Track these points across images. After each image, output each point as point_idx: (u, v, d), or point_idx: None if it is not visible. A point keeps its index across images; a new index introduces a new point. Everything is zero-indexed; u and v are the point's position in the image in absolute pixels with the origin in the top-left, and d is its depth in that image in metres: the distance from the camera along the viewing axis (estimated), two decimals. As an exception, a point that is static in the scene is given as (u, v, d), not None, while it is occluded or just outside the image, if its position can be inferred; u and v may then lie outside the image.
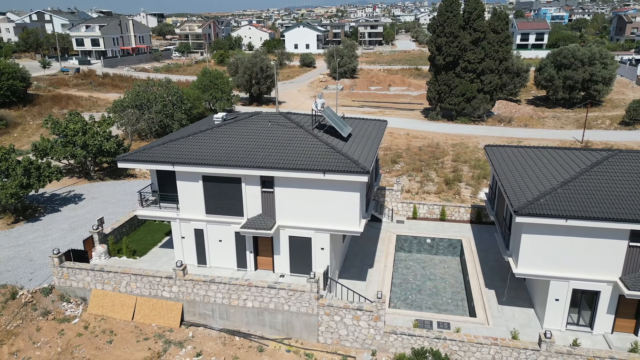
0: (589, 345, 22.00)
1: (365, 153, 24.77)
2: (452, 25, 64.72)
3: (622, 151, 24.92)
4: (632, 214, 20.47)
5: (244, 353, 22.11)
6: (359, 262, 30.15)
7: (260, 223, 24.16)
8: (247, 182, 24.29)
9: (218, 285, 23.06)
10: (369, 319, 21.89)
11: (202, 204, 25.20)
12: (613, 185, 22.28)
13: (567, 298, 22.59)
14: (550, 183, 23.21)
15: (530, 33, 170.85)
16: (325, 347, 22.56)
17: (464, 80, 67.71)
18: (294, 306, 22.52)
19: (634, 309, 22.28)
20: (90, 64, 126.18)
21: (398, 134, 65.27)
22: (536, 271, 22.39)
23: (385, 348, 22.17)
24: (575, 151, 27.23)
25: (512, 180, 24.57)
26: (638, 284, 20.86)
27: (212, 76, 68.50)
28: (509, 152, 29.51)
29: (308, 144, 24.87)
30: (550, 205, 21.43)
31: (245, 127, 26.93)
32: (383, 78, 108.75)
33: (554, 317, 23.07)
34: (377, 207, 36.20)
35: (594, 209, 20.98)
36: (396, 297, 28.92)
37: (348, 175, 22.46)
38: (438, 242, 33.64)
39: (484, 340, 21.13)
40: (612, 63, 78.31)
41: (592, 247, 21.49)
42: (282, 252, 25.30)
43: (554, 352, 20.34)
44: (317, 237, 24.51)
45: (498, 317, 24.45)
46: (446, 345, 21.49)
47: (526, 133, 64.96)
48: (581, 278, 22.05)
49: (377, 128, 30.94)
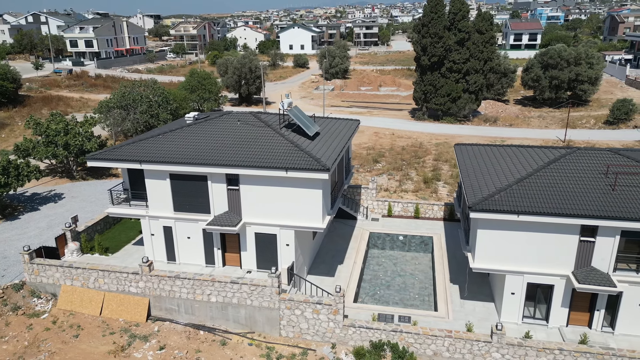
0: (543, 338, 22.58)
1: (329, 151, 25.35)
2: (437, 26, 65.32)
3: (580, 148, 25.50)
4: (582, 210, 21.05)
5: (207, 347, 22.67)
6: (329, 258, 30.73)
7: (226, 220, 24.74)
8: (213, 180, 24.87)
9: (183, 280, 23.64)
10: (328, 313, 22.46)
11: (170, 201, 25.78)
12: (566, 182, 22.85)
13: (523, 292, 23.17)
14: (509, 180, 23.80)
15: (523, 33, 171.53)
16: (287, 341, 23.13)
17: (449, 81, 68.31)
18: (256, 301, 23.10)
19: (588, 303, 22.86)
20: (84, 65, 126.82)
21: (383, 133, 65.84)
22: (492, 266, 22.97)
23: (345, 341, 22.74)
24: (538, 149, 27.82)
25: (473, 178, 25.14)
26: (588, 277, 21.44)
27: (200, 77, 69.08)
28: (476, 150, 30.08)
29: (274, 142, 25.46)
30: (504, 201, 22.00)
31: (214, 127, 27.52)
32: (374, 78, 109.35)
33: (511, 311, 23.64)
34: (352, 205, 36.82)
35: (546, 204, 21.56)
36: (365, 293, 29.49)
37: (309, 172, 23.04)
38: (410, 239, 34.23)
39: (439, 332, 21.71)
40: (599, 63, 78.93)
41: (545, 242, 22.07)
42: (248, 248, 25.87)
43: (504, 344, 20.91)
44: (282, 234, 25.08)
45: (459, 311, 25.03)
46: (403, 338, 22.07)
47: (510, 132, 65.54)
48: (535, 272, 22.63)
49: (347, 127, 31.54)
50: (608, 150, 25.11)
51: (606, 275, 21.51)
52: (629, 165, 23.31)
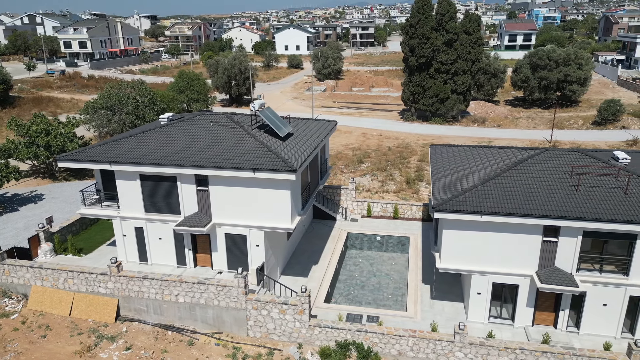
0: (509, 338, 22.72)
1: (298, 152, 25.47)
2: (424, 26, 65.49)
3: (548, 149, 25.64)
4: (544, 210, 21.19)
5: (174, 347, 22.77)
6: (305, 259, 30.84)
7: (195, 221, 24.84)
8: (183, 181, 24.98)
9: (151, 281, 23.74)
10: (294, 313, 22.57)
11: (140, 202, 25.88)
12: (531, 182, 22.98)
13: (489, 292, 23.30)
14: (476, 181, 23.92)
15: (518, 34, 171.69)
16: (255, 341, 23.24)
17: (437, 81, 68.48)
18: (223, 301, 23.21)
19: (553, 303, 22.99)
20: (77, 66, 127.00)
21: (371, 134, 66.00)
22: (458, 266, 23.09)
23: (311, 341, 22.85)
24: (510, 150, 27.96)
25: (442, 178, 25.26)
26: (551, 277, 21.57)
27: (189, 78, 69.20)
28: (450, 151, 30.18)
29: (244, 143, 25.58)
30: (468, 201, 22.13)
31: (186, 128, 27.64)
32: (366, 79, 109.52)
33: (477, 311, 23.78)
34: (331, 206, 36.95)
35: (509, 205, 21.69)
36: (339, 293, 29.63)
37: (276, 173, 23.15)
38: (387, 240, 34.36)
39: (403, 332, 21.83)
40: (588, 64, 79.12)
41: (510, 242, 22.20)
42: (219, 249, 25.97)
43: (467, 344, 21.03)
44: (251, 234, 25.19)
45: (428, 311, 25.16)
46: (368, 338, 22.18)
47: (498, 133, 65.73)
48: (500, 272, 22.77)
49: (322, 128, 31.67)
50: (575, 150, 25.25)
51: (569, 276, 21.65)
52: (594, 165, 23.46)
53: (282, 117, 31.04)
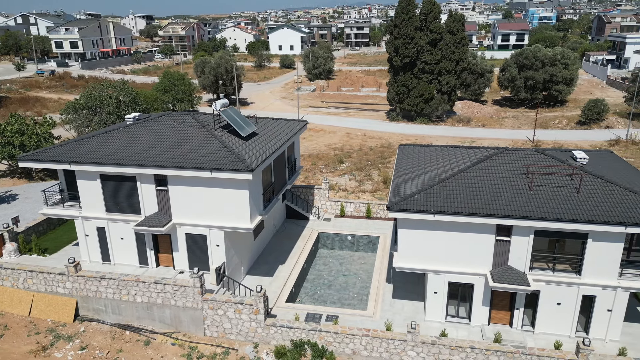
0: (465, 337, 22.78)
1: (259, 152, 25.51)
2: (408, 26, 65.55)
3: (508, 149, 25.71)
4: (496, 209, 21.25)
5: (130, 347, 22.81)
6: (272, 259, 30.87)
7: (155, 221, 24.87)
8: (142, 181, 25.01)
9: (108, 281, 23.77)
10: (250, 313, 22.62)
11: (102, 202, 25.91)
12: (487, 182, 23.04)
13: (445, 291, 23.37)
14: (435, 180, 23.97)
15: (510, 34, 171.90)
16: (212, 340, 23.29)
17: (421, 81, 68.55)
18: (180, 301, 23.25)
19: (508, 302, 23.06)
20: (68, 66, 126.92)
21: (355, 134, 66.05)
22: (414, 265, 23.15)
23: (267, 340, 22.90)
24: (474, 149, 28.04)
25: (402, 178, 25.32)
26: (503, 276, 21.64)
27: (173, 78, 69.20)
28: (417, 150, 30.23)
29: (205, 143, 25.61)
30: (423, 201, 22.18)
31: (150, 128, 27.67)
32: (356, 79, 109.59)
33: (435, 310, 23.84)
34: (304, 206, 37.00)
35: (462, 204, 21.75)
36: (305, 292, 29.67)
37: (233, 173, 23.19)
38: (358, 239, 34.42)
39: (357, 331, 21.88)
40: (574, 64, 79.29)
41: (464, 242, 22.26)
42: (180, 249, 26.01)
43: (419, 342, 21.09)
44: (212, 234, 25.22)
45: (387, 310, 25.21)
46: (322, 337, 22.23)
47: (482, 133, 65.81)
48: (456, 271, 22.83)
49: (290, 128, 31.70)
50: (534, 150, 25.31)
51: (522, 275, 21.72)
52: (550, 165, 23.52)
53: (248, 116, 31.13)
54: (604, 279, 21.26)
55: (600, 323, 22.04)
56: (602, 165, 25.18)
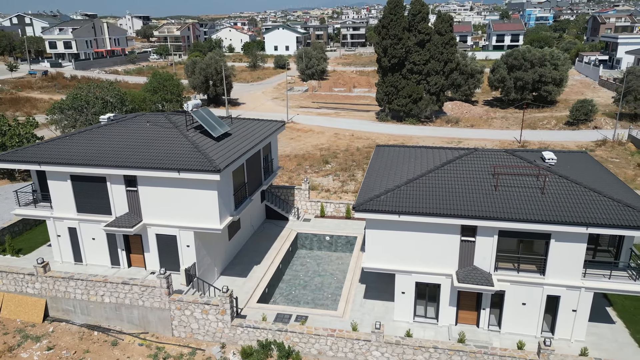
0: (432, 337, 22.84)
1: (230, 152, 25.56)
2: (396, 27, 65.62)
3: (478, 149, 25.78)
4: (460, 210, 21.31)
5: (97, 347, 22.83)
6: (248, 259, 30.89)
7: (124, 221, 24.91)
8: (112, 181, 25.05)
9: (76, 281, 23.79)
10: (217, 313, 22.65)
11: (72, 202, 25.95)
12: (454, 182, 23.10)
13: (412, 291, 23.42)
14: (403, 181, 24.02)
15: (505, 34, 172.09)
16: (179, 341, 23.32)
17: (410, 82, 68.61)
18: (148, 301, 23.28)
19: (475, 302, 23.11)
20: (62, 67, 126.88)
21: (343, 135, 66.09)
22: (381, 265, 23.20)
23: (234, 341, 22.93)
24: (447, 150, 28.07)
25: (373, 178, 25.36)
26: (468, 277, 21.70)
27: (162, 78, 69.23)
28: (392, 151, 30.27)
29: (176, 143, 25.65)
30: (389, 201, 22.23)
31: (123, 128, 27.71)
32: (349, 80, 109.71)
33: (403, 310, 23.90)
34: (284, 206, 37.04)
35: (427, 205, 21.80)
36: (280, 293, 29.71)
37: (200, 174, 23.24)
38: (336, 240, 34.46)
39: (323, 332, 21.92)
40: (564, 64, 79.37)
41: (430, 242, 22.31)
42: (151, 249, 26.04)
43: (383, 342, 21.13)
44: (182, 235, 25.25)
45: (357, 311, 25.26)
46: (288, 337, 22.27)
47: (470, 133, 65.86)
48: (423, 272, 22.89)
49: (266, 128, 31.74)
50: (504, 151, 25.38)
51: (487, 275, 21.78)
52: (517, 166, 23.57)
53: (224, 117, 31.20)
54: (568, 279, 21.33)
55: (566, 323, 22.09)
56: (571, 166, 25.25)
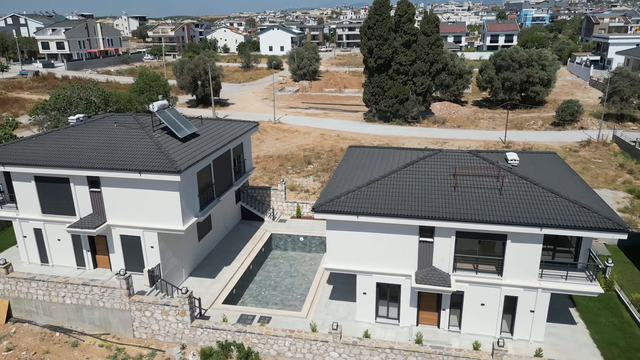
0: (393, 337, 22.84)
1: (194, 153, 25.56)
2: (382, 28, 65.66)
3: (442, 150, 25.80)
4: (418, 211, 21.32)
5: (57, 348, 22.83)
6: (218, 260, 30.87)
7: (88, 222, 24.90)
8: (76, 182, 25.04)
9: (38, 282, 23.80)
10: (176, 314, 22.65)
11: (37, 203, 25.94)
12: (415, 183, 23.10)
13: (373, 292, 23.43)
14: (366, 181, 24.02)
15: (499, 35, 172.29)
16: (141, 342, 23.32)
17: (396, 82, 68.65)
18: (108, 302, 23.28)
19: (435, 303, 23.13)
20: (54, 67, 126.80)
21: (329, 135, 66.10)
22: (342, 266, 23.24)
23: (195, 342, 22.94)
24: (417, 151, 28.07)
25: (338, 179, 25.35)
26: (426, 277, 21.72)
27: (148, 78, 69.21)
28: (363, 152, 30.18)
29: (141, 144, 25.64)
30: (349, 202, 22.24)
31: (90, 129, 27.70)
32: (340, 80, 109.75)
33: (365, 310, 23.92)
34: (260, 207, 37.04)
35: (386, 206, 21.81)
36: (250, 294, 29.71)
37: (161, 174, 23.25)
38: (310, 240, 34.48)
39: (281, 333, 21.93)
40: (552, 64, 79.43)
41: (390, 243, 22.33)
42: (116, 250, 26.04)
43: (340, 343, 21.15)
44: (146, 236, 25.24)
45: (322, 311, 25.28)
46: (247, 338, 22.28)
47: (456, 134, 65.89)
48: (383, 272, 22.91)
49: (238, 129, 31.74)
50: (468, 151, 25.40)
51: (445, 275, 21.80)
52: (479, 167, 23.59)
53: (193, 118, 31.21)
54: (525, 280, 21.35)
55: (524, 324, 22.12)
56: (535, 167, 25.28)
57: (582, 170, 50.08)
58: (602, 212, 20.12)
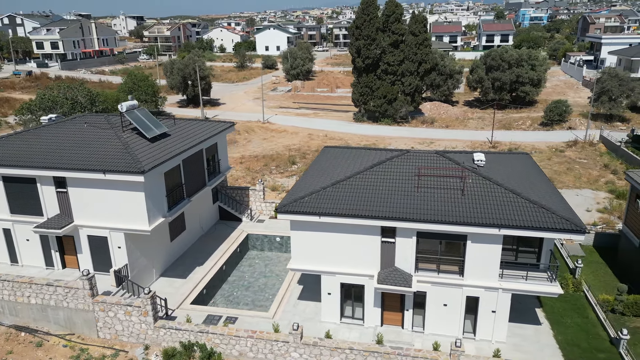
0: (357, 338, 22.82)
1: (161, 154, 25.55)
2: (369, 28, 65.61)
3: (409, 151, 25.78)
4: (379, 211, 21.30)
5: (21, 348, 22.84)
6: (191, 260, 30.85)
7: (54, 223, 24.92)
8: (42, 183, 25.06)
9: (3, 282, 23.81)
10: (139, 315, 22.65)
11: (5, 203, 25.95)
12: (379, 184, 23.06)
13: (338, 292, 23.43)
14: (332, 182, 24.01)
15: (495, 34, 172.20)
16: (104, 342, 23.33)
17: (384, 82, 68.60)
18: (72, 303, 23.28)
19: (399, 303, 23.11)
20: (48, 67, 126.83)
21: (317, 135, 66.09)
22: (307, 266, 23.25)
23: (158, 342, 22.94)
24: (386, 151, 28.07)
25: (306, 180, 25.33)
26: (388, 278, 21.71)
27: (136, 78, 69.24)
28: (337, 152, 30.16)
29: (109, 145, 25.64)
30: (313, 203, 22.22)
31: (60, 129, 27.70)
32: (333, 80, 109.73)
33: (330, 311, 23.92)
34: (237, 207, 37.04)
35: (348, 206, 21.79)
36: (222, 294, 29.70)
37: (125, 175, 23.26)
38: (287, 240, 34.38)
39: (243, 333, 21.93)
40: (542, 64, 79.36)
41: (353, 243, 22.32)
42: (84, 250, 26.05)
43: (301, 344, 21.15)
44: (113, 236, 25.23)
45: (289, 312, 25.28)
46: (210, 339, 22.28)
47: (443, 134, 65.84)
48: (347, 273, 22.90)
49: (211, 129, 31.73)
50: (435, 152, 25.37)
51: (407, 276, 21.79)
52: (443, 167, 23.55)
53: (168, 117, 31.21)
54: (485, 280, 21.34)
55: (486, 324, 22.11)
56: (503, 167, 25.26)
57: (565, 171, 50.07)
58: (561, 212, 20.10)
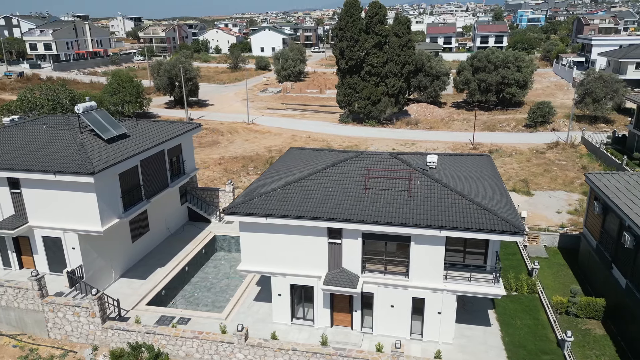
0: (306, 339, 22.84)
1: (116, 155, 25.62)
2: (352, 29, 65.70)
3: (364, 152, 25.81)
4: (325, 213, 21.32)
5: (-29, 348, 22.92)
6: (154, 261, 30.86)
7: (7, 224, 25.00)
8: (-3, 183, 25.17)
9: (-46, 283, 23.89)
10: (87, 315, 22.70)
11: (-40, 205, 26.05)
12: (329, 185, 23.08)
13: (288, 293, 23.45)
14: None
15: (489, 36, 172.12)
16: (54, 343, 23.39)
17: (368, 84, 68.67)
18: (22, 303, 23.35)
19: (348, 304, 23.13)
20: (41, 68, 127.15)
21: (300, 137, 66.16)
22: (256, 267, 23.29)
23: (107, 343, 22.98)
24: (343, 153, 28.12)
25: (261, 181, 25.35)
26: (333, 279, 21.74)
27: (120, 79, 69.40)
28: (299, 154, 30.09)
29: (64, 146, 25.70)
30: (261, 204, 22.26)
31: (19, 130, 27.78)
32: (323, 81, 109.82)
33: (281, 312, 23.93)
34: (206, 208, 37.08)
35: (295, 207, 21.82)
36: (182, 295, 29.71)
37: (75, 176, 23.32)
38: (253, 242, 34.43)
39: (190, 334, 21.97)
40: (529, 66, 79.38)
41: (301, 244, 22.35)
42: (39, 251, 26.13)
43: (245, 345, 21.18)
44: (66, 237, 25.29)
45: (243, 313, 25.31)
46: (157, 340, 22.32)
47: (426, 135, 65.89)
48: (296, 274, 22.92)
49: (175, 130, 31.77)
50: (388, 154, 25.40)
51: (353, 277, 21.81)
52: (393, 169, 23.58)
53: (130, 118, 31.26)
54: (430, 281, 21.35)
55: (433, 325, 22.11)
56: (457, 169, 25.28)
57: (542, 172, 50.05)
58: (502, 214, 20.11)
